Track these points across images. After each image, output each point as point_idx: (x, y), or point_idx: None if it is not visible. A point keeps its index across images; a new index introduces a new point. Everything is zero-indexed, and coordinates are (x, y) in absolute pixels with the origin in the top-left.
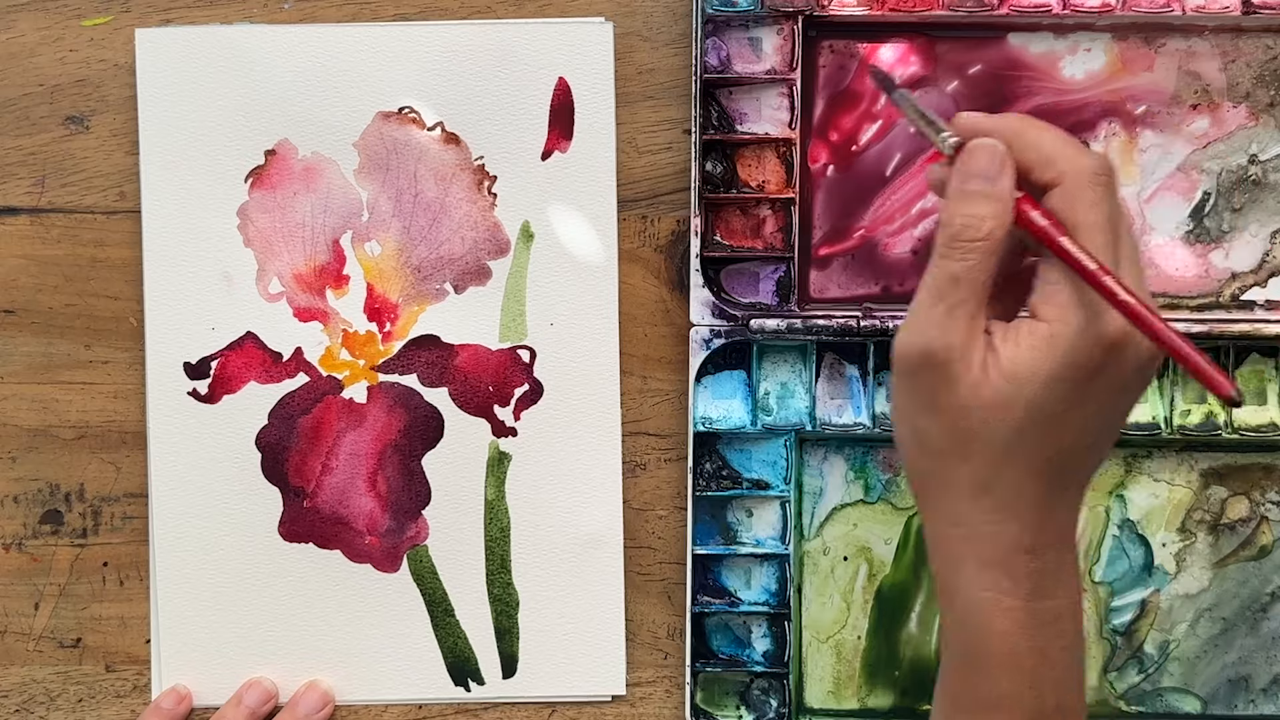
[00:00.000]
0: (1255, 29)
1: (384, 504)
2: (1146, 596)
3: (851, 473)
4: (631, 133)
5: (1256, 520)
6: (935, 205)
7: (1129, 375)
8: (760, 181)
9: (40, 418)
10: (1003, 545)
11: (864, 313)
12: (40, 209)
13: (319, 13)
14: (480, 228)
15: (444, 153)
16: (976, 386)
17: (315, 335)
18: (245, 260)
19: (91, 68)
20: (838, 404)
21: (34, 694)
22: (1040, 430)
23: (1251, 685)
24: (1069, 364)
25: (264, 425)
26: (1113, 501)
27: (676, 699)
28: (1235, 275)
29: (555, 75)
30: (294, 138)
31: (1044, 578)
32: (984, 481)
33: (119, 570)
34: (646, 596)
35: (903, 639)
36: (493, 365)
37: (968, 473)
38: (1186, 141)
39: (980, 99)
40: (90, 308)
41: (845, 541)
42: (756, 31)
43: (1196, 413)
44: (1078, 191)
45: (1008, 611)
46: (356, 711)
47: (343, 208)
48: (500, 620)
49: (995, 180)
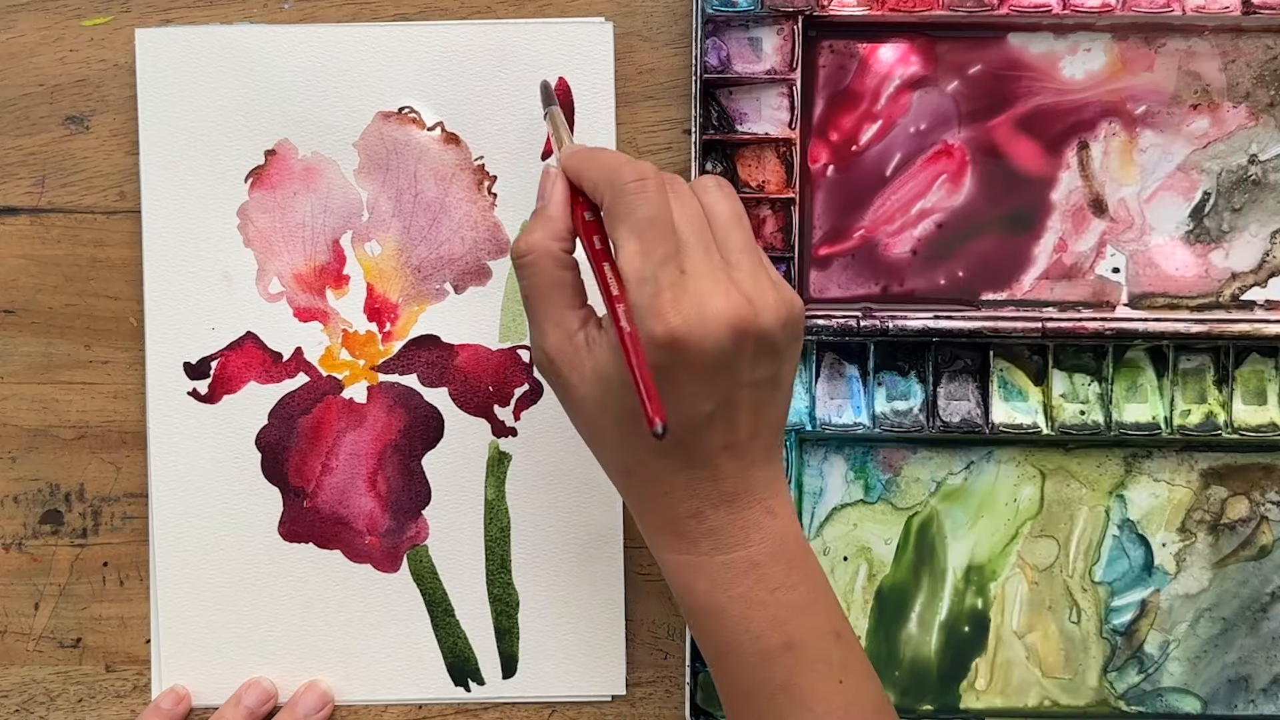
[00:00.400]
0: (1255, 29)
1: (384, 504)
2: (1146, 596)
3: (851, 473)
4: (631, 133)
5: (1256, 520)
6: (936, 205)
7: (708, 362)
8: (760, 181)
9: (40, 418)
10: (667, 515)
11: (864, 313)
12: (40, 209)
13: (319, 13)
14: (480, 228)
15: (444, 153)
16: (581, 387)
17: (315, 335)
18: (245, 260)
19: (91, 68)
20: (838, 404)
21: (34, 694)
22: (641, 422)
23: (1251, 685)
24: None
25: (264, 425)
26: (1113, 501)
27: (676, 699)
28: (1235, 275)
29: (555, 75)
30: (294, 138)
31: (722, 534)
32: (623, 466)
33: (119, 570)
34: (646, 596)
35: (903, 639)
36: (493, 365)
37: (607, 461)
38: (1186, 141)
39: (980, 99)
40: (90, 308)
41: (845, 541)
42: (756, 31)
43: (1196, 413)
44: (613, 207)
45: (697, 569)
46: (356, 711)
47: (343, 208)
48: (500, 620)
49: (546, 201)
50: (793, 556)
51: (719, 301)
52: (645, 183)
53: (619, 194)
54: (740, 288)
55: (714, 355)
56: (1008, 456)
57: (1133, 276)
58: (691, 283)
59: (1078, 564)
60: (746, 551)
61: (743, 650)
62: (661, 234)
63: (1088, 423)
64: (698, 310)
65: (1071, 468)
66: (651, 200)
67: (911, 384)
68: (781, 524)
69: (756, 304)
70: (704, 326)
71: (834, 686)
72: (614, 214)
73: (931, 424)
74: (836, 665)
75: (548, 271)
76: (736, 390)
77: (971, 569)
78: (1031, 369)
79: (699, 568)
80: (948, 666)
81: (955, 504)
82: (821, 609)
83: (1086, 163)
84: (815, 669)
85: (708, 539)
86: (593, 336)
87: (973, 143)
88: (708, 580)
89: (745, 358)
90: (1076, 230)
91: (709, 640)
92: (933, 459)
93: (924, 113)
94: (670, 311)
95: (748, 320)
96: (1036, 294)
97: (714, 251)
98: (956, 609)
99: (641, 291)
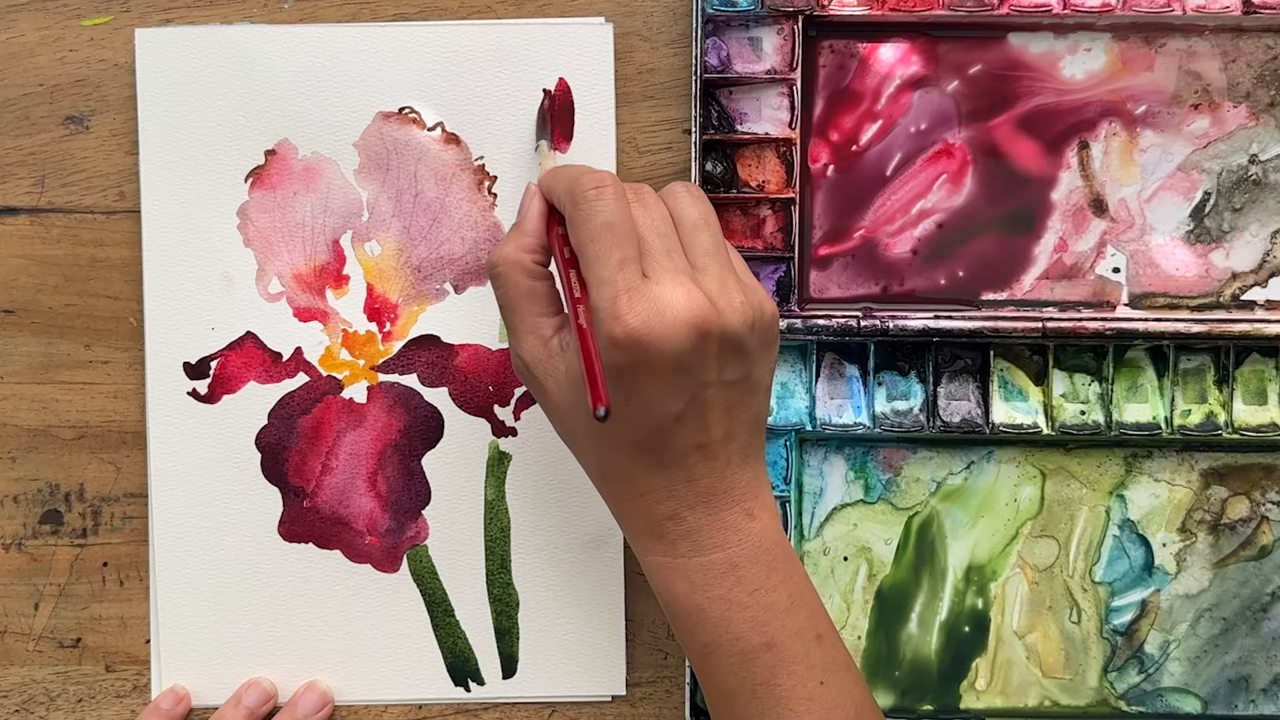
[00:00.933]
0: (1256, 29)
1: (384, 504)
2: (1147, 596)
3: (851, 473)
4: (631, 133)
5: (1257, 520)
6: (936, 205)
7: (667, 362)
8: (760, 181)
9: (40, 418)
10: (645, 517)
11: (864, 313)
12: (40, 209)
13: (319, 13)
14: (480, 228)
15: (444, 153)
16: (556, 391)
17: (315, 335)
18: (245, 260)
19: (91, 68)
20: (838, 404)
21: (34, 694)
22: (613, 422)
23: (1252, 685)
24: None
25: (264, 425)
26: (1113, 502)
27: (677, 699)
28: (1236, 275)
29: (555, 75)
30: (294, 138)
31: (699, 536)
32: (600, 469)
33: (119, 570)
34: (646, 596)
35: (903, 639)
36: (493, 365)
37: (585, 463)
38: (1187, 141)
39: (981, 99)
40: (90, 308)
41: (845, 541)
42: (756, 31)
43: (1197, 413)
44: (574, 214)
45: (676, 571)
46: (356, 711)
47: (343, 208)
48: (500, 620)
49: (522, 217)
50: (773, 559)
51: (679, 303)
52: (603, 190)
53: (579, 202)
54: (704, 289)
55: (673, 355)
56: (1008, 456)
57: (1133, 276)
58: (652, 286)
59: (1078, 564)
60: (725, 554)
61: (723, 650)
62: (620, 238)
63: (1088, 423)
64: (656, 311)
65: (1072, 468)
66: (609, 205)
67: (912, 384)
68: (760, 526)
69: (720, 305)
70: (663, 327)
71: (815, 688)
72: (574, 221)
73: (932, 424)
74: (819, 667)
75: (517, 282)
76: (703, 390)
77: (972, 569)
78: (1032, 369)
79: (678, 569)
80: (948, 666)
81: (955, 504)
82: (803, 611)
83: (1087, 162)
84: (795, 670)
85: (685, 540)
86: (566, 342)
87: (973, 142)
88: (686, 582)
89: (710, 358)
90: (1077, 230)
91: (691, 640)
92: (933, 459)
93: (924, 112)
94: (628, 313)
95: (709, 321)
96: (1037, 294)
97: (679, 255)
98: (957, 609)
99: (600, 294)
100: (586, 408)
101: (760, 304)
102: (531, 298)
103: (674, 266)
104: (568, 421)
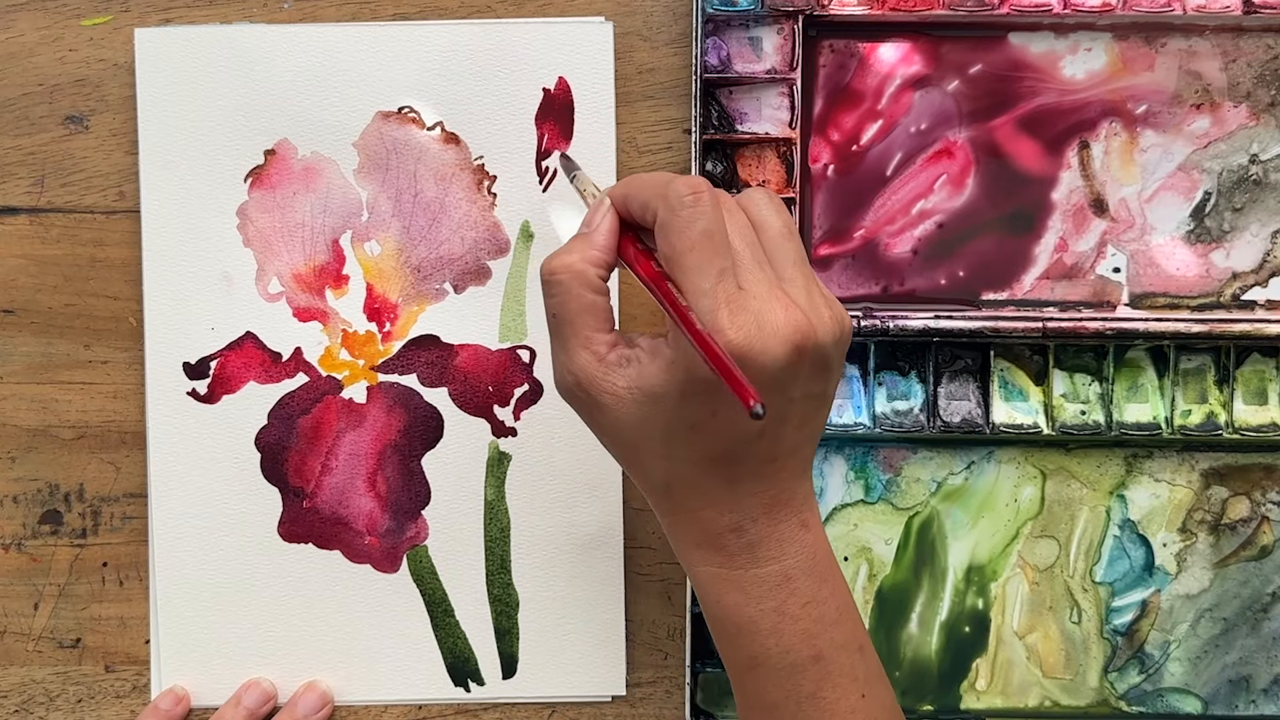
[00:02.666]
0: (1256, 29)
1: (384, 504)
2: (1147, 597)
3: (852, 473)
4: (631, 132)
5: (1257, 520)
6: (936, 205)
7: (765, 378)
8: (760, 181)
9: (40, 418)
10: (706, 529)
11: (864, 313)
12: (40, 209)
13: (319, 13)
14: (480, 227)
15: (444, 153)
16: (616, 407)
17: (315, 335)
18: (245, 260)
19: (91, 68)
20: (838, 404)
21: (33, 694)
22: (692, 435)
23: (1252, 685)
24: (693, 379)
25: (263, 425)
26: (1113, 502)
27: (676, 699)
28: (1236, 275)
29: (555, 75)
30: (294, 138)
31: (757, 548)
32: (666, 481)
33: (119, 570)
34: (646, 597)
35: (903, 639)
36: (493, 365)
37: (646, 476)
38: (1187, 141)
39: (981, 98)
40: (90, 308)
41: (845, 542)
42: (756, 31)
43: (1197, 413)
44: (667, 222)
45: (731, 582)
46: (356, 712)
47: (342, 207)
48: (500, 620)
49: (591, 229)
50: (824, 570)
51: (778, 317)
52: (700, 196)
53: (675, 209)
54: (797, 303)
55: (772, 371)
56: (1008, 456)
57: (1133, 276)
58: (749, 299)
59: (1078, 564)
60: (780, 565)
61: (771, 663)
62: (719, 248)
63: (1088, 423)
64: (757, 326)
65: (1072, 468)
66: (707, 214)
67: (912, 384)
68: (814, 537)
69: (813, 320)
70: (764, 342)
71: (858, 700)
72: (669, 228)
73: (932, 424)
74: (861, 679)
75: (579, 294)
76: (787, 405)
77: (972, 569)
78: (1032, 369)
79: (733, 581)
80: (948, 667)
81: (956, 504)
82: (849, 623)
83: (1087, 162)
84: (841, 683)
85: (745, 553)
86: (626, 356)
87: (974, 142)
88: (741, 594)
89: (801, 374)
90: (1077, 230)
91: (737, 653)
92: (933, 459)
93: (925, 112)
94: (729, 327)
95: (807, 337)
96: (1037, 294)
97: (767, 266)
98: (957, 609)
99: (699, 305)
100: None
101: (842, 318)
102: (591, 312)
103: (767, 278)
104: (630, 436)
